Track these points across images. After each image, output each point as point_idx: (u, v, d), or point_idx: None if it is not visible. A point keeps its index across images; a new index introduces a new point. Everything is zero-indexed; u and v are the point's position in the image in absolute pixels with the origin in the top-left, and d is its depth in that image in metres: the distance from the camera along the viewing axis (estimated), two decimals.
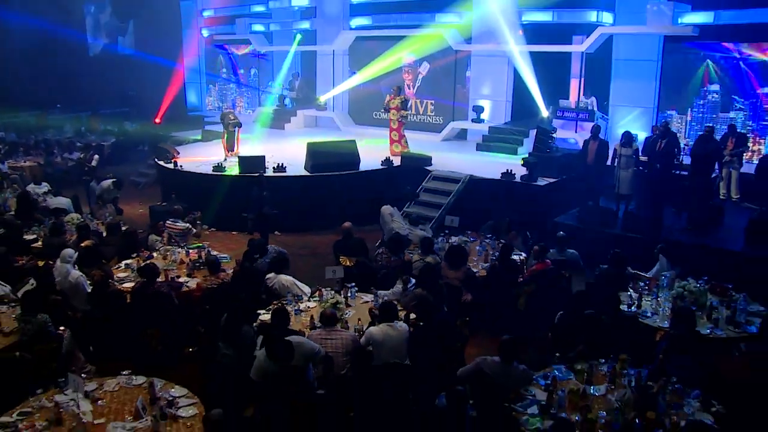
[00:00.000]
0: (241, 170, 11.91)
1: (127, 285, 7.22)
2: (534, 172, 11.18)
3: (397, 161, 12.93)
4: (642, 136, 12.49)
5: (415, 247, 8.42)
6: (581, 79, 14.28)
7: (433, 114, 16.70)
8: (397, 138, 13.78)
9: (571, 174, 11.44)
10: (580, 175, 11.05)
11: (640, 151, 11.13)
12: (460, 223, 9.62)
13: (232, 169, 12.12)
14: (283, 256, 7.59)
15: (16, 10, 19.69)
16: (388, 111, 13.78)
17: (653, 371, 5.03)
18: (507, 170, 11.39)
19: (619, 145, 10.40)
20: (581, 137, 12.28)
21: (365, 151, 12.92)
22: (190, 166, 12.58)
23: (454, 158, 13.29)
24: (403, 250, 8.09)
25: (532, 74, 13.93)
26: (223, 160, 12.71)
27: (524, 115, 14.70)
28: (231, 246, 10.35)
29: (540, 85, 13.91)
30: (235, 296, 6.47)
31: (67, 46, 21.20)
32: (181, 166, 12.59)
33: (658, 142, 10.23)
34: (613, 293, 6.43)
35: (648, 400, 4.58)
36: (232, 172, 12.01)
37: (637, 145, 11.26)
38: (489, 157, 13.59)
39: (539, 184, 11.14)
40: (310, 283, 7.32)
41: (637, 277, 7.26)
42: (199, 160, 13.08)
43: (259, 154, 12.13)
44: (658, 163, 10.28)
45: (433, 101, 16.67)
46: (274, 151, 13.04)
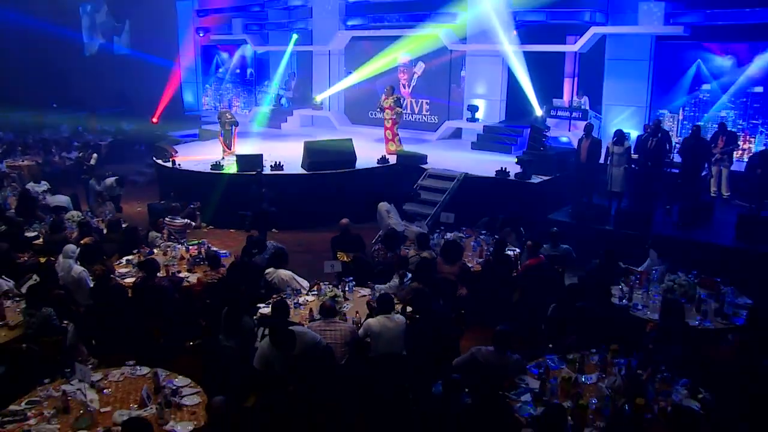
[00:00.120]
0: (238, 168, 12.03)
1: (128, 281, 7.33)
2: (528, 170, 11.32)
3: (393, 160, 13.07)
4: (634, 134, 12.65)
5: (411, 243, 8.53)
6: (575, 79, 14.46)
7: (428, 113, 16.84)
8: (391, 137, 13.93)
9: (565, 172, 11.61)
10: (573, 173, 11.21)
11: (632, 150, 11.31)
12: (455, 220, 9.74)
13: (230, 168, 12.24)
14: (282, 252, 7.71)
15: (12, 9, 19.70)
16: (382, 111, 13.94)
17: (642, 360, 5.17)
18: (501, 168, 11.52)
19: (611, 143, 10.59)
20: (575, 136, 12.45)
21: (361, 149, 13.05)
22: (188, 165, 12.68)
23: (450, 156, 13.45)
24: (398, 245, 8.20)
25: (526, 74, 14.07)
26: (221, 159, 12.83)
27: (518, 115, 14.86)
28: (229, 243, 10.45)
29: (534, 84, 14.04)
30: (234, 288, 6.59)
31: (63, 46, 21.26)
32: (179, 165, 12.70)
33: (649, 140, 10.44)
34: (604, 286, 6.59)
35: (637, 388, 4.70)
36: (230, 171, 12.13)
37: (630, 144, 11.44)
38: (484, 156, 13.72)
39: (533, 181, 11.29)
40: (307, 279, 7.44)
41: (629, 272, 7.39)
42: (197, 159, 13.18)
43: (257, 153, 12.25)
44: (649, 161, 10.48)
45: (428, 100, 16.81)
46: (271, 150, 13.13)
